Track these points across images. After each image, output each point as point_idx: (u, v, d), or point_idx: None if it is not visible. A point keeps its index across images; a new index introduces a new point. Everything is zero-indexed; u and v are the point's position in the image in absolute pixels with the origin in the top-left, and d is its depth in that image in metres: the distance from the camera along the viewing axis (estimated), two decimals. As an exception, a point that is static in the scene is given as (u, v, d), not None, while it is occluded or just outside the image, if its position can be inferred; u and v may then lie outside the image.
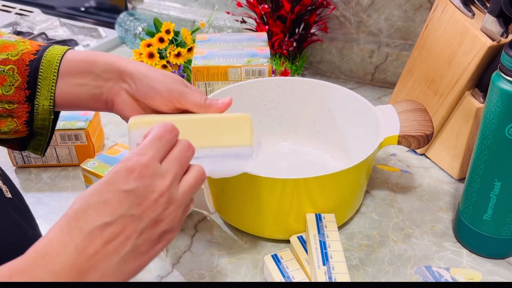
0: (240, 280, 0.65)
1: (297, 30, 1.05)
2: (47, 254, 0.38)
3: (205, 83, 0.85)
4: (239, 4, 1.06)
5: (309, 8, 1.02)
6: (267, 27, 1.04)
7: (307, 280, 0.61)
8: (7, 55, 0.55)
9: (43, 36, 1.25)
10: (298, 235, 0.67)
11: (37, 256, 0.38)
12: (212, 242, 0.71)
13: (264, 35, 0.95)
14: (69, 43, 1.22)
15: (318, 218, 0.66)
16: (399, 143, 0.70)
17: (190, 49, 1.02)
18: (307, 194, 0.65)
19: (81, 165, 0.73)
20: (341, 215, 0.71)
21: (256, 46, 0.90)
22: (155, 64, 1.01)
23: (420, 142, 0.70)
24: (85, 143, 0.84)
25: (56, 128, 0.61)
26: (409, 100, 0.76)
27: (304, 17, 1.04)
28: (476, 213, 0.65)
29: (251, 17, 1.08)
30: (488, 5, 0.75)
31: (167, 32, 1.02)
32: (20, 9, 1.41)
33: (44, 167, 0.86)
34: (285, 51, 1.04)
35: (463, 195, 0.67)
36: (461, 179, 0.82)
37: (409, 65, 0.87)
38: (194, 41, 1.00)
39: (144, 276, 0.66)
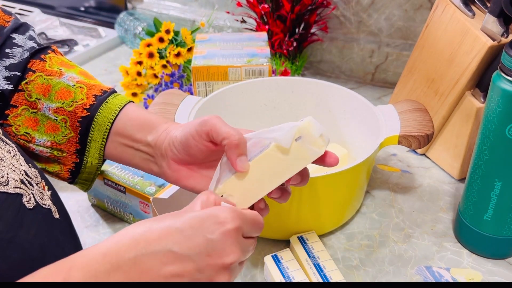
0: (240, 280, 0.65)
1: (297, 30, 1.05)
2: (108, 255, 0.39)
3: (205, 83, 0.85)
4: (239, 4, 1.05)
5: (309, 8, 1.02)
6: (267, 27, 1.04)
7: (307, 280, 0.61)
8: (62, 104, 0.55)
9: (43, 36, 1.25)
10: (298, 235, 0.67)
11: (99, 253, 0.39)
12: (212, 242, 0.71)
13: (264, 35, 0.95)
14: (69, 43, 1.22)
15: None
16: (399, 143, 0.70)
17: (190, 49, 1.02)
18: (307, 194, 0.65)
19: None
20: (341, 215, 0.71)
21: (256, 46, 0.90)
22: (155, 64, 1.01)
23: (420, 142, 0.70)
24: (85, 143, 0.83)
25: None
26: (409, 100, 0.76)
27: (304, 16, 1.04)
28: (477, 213, 0.65)
29: (251, 17, 1.08)
30: (489, 5, 0.75)
31: (167, 32, 1.02)
32: (20, 9, 1.41)
33: (43, 167, 0.86)
34: (285, 51, 1.04)
35: (464, 195, 0.67)
36: (461, 179, 0.81)
37: (410, 65, 0.87)
38: (194, 41, 0.99)
39: (144, 276, 0.65)
